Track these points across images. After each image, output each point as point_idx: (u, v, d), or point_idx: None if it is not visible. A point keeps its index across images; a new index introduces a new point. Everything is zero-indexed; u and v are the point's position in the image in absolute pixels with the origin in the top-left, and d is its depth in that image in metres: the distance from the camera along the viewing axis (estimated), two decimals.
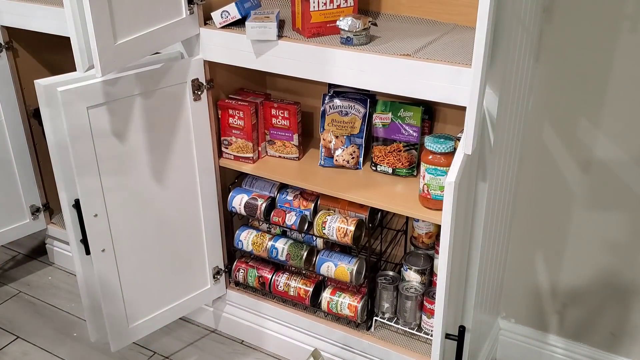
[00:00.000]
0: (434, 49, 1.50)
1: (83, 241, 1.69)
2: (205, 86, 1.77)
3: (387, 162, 1.76)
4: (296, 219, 1.83)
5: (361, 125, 1.79)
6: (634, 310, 1.84)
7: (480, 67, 1.25)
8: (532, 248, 1.92)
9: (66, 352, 2.12)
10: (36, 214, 2.33)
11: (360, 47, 1.52)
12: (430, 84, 1.44)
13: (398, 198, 1.67)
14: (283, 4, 1.82)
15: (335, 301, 1.87)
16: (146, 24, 1.52)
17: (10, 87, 2.12)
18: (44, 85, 1.52)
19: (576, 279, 1.90)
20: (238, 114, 1.81)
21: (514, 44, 1.46)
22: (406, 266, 1.82)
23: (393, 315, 1.87)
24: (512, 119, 1.62)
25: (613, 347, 1.92)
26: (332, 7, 1.59)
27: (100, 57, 1.39)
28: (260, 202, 1.88)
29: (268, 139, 1.90)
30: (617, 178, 1.72)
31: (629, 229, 1.76)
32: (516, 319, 2.05)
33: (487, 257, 1.72)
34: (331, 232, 1.77)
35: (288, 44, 1.59)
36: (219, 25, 1.67)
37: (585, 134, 1.72)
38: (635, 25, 1.55)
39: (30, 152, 2.24)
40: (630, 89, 1.62)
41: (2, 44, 2.06)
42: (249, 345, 2.13)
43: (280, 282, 1.95)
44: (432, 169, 1.53)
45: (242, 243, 1.95)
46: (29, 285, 2.42)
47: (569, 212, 1.82)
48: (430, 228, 1.82)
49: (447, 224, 1.34)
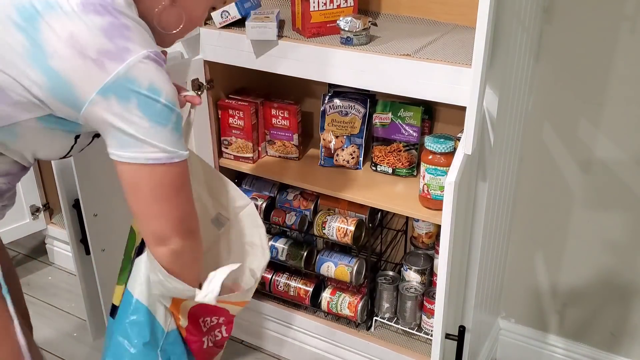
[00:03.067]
0: (434, 49, 1.50)
1: (83, 241, 1.69)
2: (205, 86, 1.77)
3: (387, 162, 1.76)
4: (296, 219, 1.83)
5: (361, 125, 1.79)
6: (634, 310, 1.84)
7: (480, 67, 1.25)
8: (532, 248, 1.92)
9: (66, 352, 2.11)
10: (36, 214, 2.33)
11: (360, 47, 1.52)
12: (430, 84, 1.44)
13: (398, 198, 1.67)
14: (283, 4, 1.82)
15: (335, 301, 1.87)
16: None
17: None
18: None
19: (576, 279, 1.90)
20: (238, 114, 1.81)
21: (514, 44, 1.46)
22: (406, 266, 1.82)
23: (393, 315, 1.87)
24: (512, 119, 1.62)
25: (613, 347, 1.92)
26: (332, 7, 1.59)
27: None
28: (260, 202, 1.88)
29: (268, 139, 1.90)
30: (617, 178, 1.72)
31: (629, 229, 1.76)
32: (516, 319, 2.05)
33: (487, 257, 1.72)
34: (331, 232, 1.77)
35: (288, 44, 1.59)
36: (219, 25, 1.67)
37: (585, 134, 1.72)
38: (635, 26, 1.55)
39: None
40: (630, 89, 1.62)
41: None
42: (249, 345, 2.13)
43: (280, 282, 1.95)
44: (432, 169, 1.53)
45: None
46: (29, 285, 2.42)
47: (569, 212, 1.82)
48: (430, 228, 1.82)
49: (447, 224, 1.34)
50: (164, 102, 1.01)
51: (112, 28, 0.99)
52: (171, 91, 1.03)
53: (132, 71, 0.99)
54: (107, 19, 0.99)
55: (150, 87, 1.00)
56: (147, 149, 1.02)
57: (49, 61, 0.97)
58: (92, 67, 0.97)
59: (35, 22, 0.98)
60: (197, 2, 1.16)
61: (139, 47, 1.00)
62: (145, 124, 1.00)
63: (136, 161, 1.03)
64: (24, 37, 0.98)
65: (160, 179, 1.04)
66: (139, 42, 1.01)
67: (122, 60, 0.98)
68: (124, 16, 1.02)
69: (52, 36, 0.97)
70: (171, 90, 1.04)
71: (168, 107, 1.02)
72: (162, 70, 1.03)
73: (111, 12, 1.00)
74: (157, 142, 1.02)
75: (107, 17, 1.00)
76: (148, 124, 1.00)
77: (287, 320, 2.01)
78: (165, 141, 1.02)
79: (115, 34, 0.99)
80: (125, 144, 1.02)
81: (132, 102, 0.99)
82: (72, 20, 0.98)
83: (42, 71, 0.98)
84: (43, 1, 0.99)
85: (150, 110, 1.00)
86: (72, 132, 1.09)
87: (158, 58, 1.03)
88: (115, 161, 1.05)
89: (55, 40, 0.97)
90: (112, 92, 0.98)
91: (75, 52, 0.97)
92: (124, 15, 1.02)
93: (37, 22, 0.98)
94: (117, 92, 0.98)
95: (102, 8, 1.00)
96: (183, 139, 1.08)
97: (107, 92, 0.98)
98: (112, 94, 0.98)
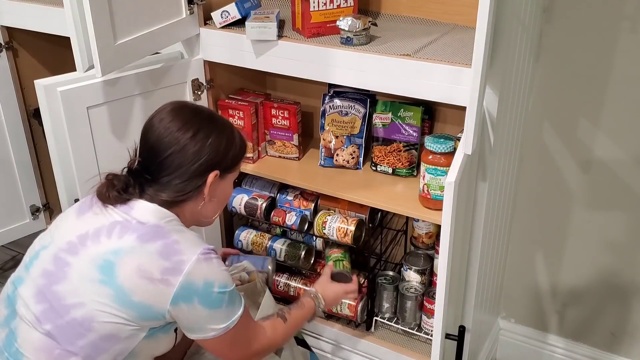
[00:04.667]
0: (434, 49, 1.50)
1: None
2: (205, 86, 1.77)
3: (387, 162, 1.76)
4: (296, 219, 1.83)
5: (361, 125, 1.79)
6: (634, 310, 1.84)
7: (480, 67, 1.25)
8: (532, 248, 1.92)
9: None
10: (36, 214, 2.33)
11: (360, 47, 1.52)
12: (430, 84, 1.44)
13: (398, 198, 1.67)
14: (283, 4, 1.82)
15: None
16: (146, 24, 1.52)
17: (10, 87, 2.12)
18: (44, 85, 1.52)
19: (576, 279, 1.90)
20: (238, 114, 1.81)
21: (514, 44, 1.46)
22: (406, 266, 1.82)
23: (393, 315, 1.87)
24: (512, 119, 1.62)
25: (613, 347, 1.92)
26: (332, 7, 1.59)
27: (100, 57, 1.39)
28: (260, 202, 1.88)
29: (268, 139, 1.90)
30: (617, 178, 1.72)
31: (629, 229, 1.76)
32: (516, 319, 2.05)
33: (487, 257, 1.72)
34: (331, 232, 1.77)
35: (288, 44, 1.59)
36: (219, 25, 1.67)
37: (585, 134, 1.72)
38: (635, 26, 1.55)
39: (30, 152, 2.24)
40: (630, 89, 1.62)
41: (2, 44, 2.06)
42: None
43: (280, 282, 1.94)
44: (432, 169, 1.53)
45: (242, 243, 1.95)
46: None
47: (569, 212, 1.82)
48: (430, 228, 1.82)
49: (447, 224, 1.34)
50: (217, 290, 1.24)
51: (165, 249, 1.22)
52: (222, 277, 1.26)
53: (189, 277, 1.21)
54: (159, 242, 1.22)
55: (205, 283, 1.23)
56: (208, 331, 1.27)
57: (132, 297, 1.20)
58: (160, 286, 1.21)
59: (111, 271, 1.21)
60: (228, 185, 1.38)
61: (191, 254, 1.23)
62: (204, 312, 1.24)
63: (205, 339, 1.29)
64: (108, 287, 1.21)
65: (220, 342, 1.29)
66: (189, 250, 1.23)
67: (180, 272, 1.21)
68: (173, 232, 1.24)
69: (126, 275, 1.20)
70: (222, 277, 1.26)
71: (220, 293, 1.25)
72: (212, 260, 1.26)
73: (162, 236, 1.23)
74: (213, 326, 1.26)
75: (159, 241, 1.22)
76: (206, 312, 1.24)
77: None
78: (220, 320, 1.27)
79: (170, 252, 1.22)
80: (191, 330, 1.28)
81: (194, 301, 1.22)
82: (134, 254, 1.21)
83: (131, 307, 1.21)
84: (111, 251, 1.22)
85: (207, 301, 1.24)
86: (169, 330, 1.31)
87: (207, 253, 1.25)
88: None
89: (129, 277, 1.20)
90: (180, 300, 1.22)
91: (145, 280, 1.20)
92: (173, 231, 1.25)
93: (114, 269, 1.21)
94: (183, 299, 1.22)
95: (154, 234, 1.23)
96: (238, 302, 1.30)
97: (177, 300, 1.22)
98: (180, 301, 1.22)
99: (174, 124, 1.27)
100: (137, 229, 1.23)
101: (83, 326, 1.21)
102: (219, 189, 1.34)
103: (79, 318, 1.21)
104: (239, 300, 1.30)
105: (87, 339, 1.21)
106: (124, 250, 1.22)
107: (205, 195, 1.31)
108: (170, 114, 1.28)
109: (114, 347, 1.23)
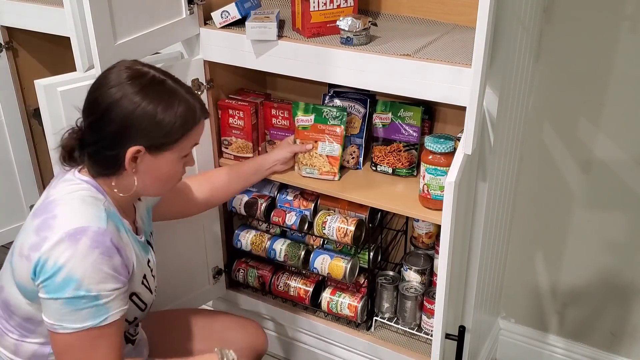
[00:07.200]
0: (434, 49, 1.50)
1: None
2: (205, 86, 1.77)
3: (387, 162, 1.76)
4: (296, 219, 1.83)
5: (361, 125, 1.79)
6: (634, 310, 1.84)
7: (480, 67, 1.25)
8: (532, 248, 1.92)
9: None
10: None
11: (360, 47, 1.52)
12: (430, 84, 1.44)
13: (398, 198, 1.67)
14: (283, 4, 1.82)
15: (335, 301, 1.87)
16: (146, 24, 1.52)
17: (10, 87, 2.12)
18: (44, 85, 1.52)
19: (576, 279, 1.90)
20: (238, 114, 1.81)
21: (514, 44, 1.46)
22: (406, 266, 1.82)
23: (393, 315, 1.87)
24: (512, 119, 1.62)
25: (613, 347, 1.92)
26: (332, 7, 1.59)
27: (100, 57, 1.39)
28: (260, 202, 1.88)
29: (268, 139, 1.89)
30: (617, 178, 1.72)
31: (629, 229, 1.76)
32: (516, 319, 2.05)
33: (487, 257, 1.72)
34: (331, 232, 1.77)
35: (288, 44, 1.59)
36: (219, 25, 1.67)
37: (585, 134, 1.72)
38: (635, 26, 1.55)
39: (30, 152, 2.24)
40: (630, 89, 1.62)
41: (2, 44, 2.06)
42: None
43: (280, 282, 1.94)
44: (432, 169, 1.53)
45: (241, 242, 1.95)
46: None
47: (569, 212, 1.82)
48: (430, 228, 1.82)
49: (447, 224, 1.34)
50: (63, 278, 1.09)
51: (41, 224, 1.14)
52: (79, 268, 1.09)
53: (44, 256, 1.10)
54: (41, 218, 1.15)
55: (55, 265, 1.10)
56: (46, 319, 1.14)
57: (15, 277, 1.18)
58: (25, 262, 1.14)
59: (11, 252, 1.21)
60: (170, 163, 1.21)
61: (58, 231, 1.10)
62: (45, 297, 1.12)
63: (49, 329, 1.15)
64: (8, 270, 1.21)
65: (55, 342, 1.15)
66: (61, 227, 1.11)
67: (39, 248, 1.11)
68: (62, 206, 1.15)
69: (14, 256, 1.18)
70: (80, 267, 1.09)
71: (65, 282, 1.09)
72: (78, 245, 1.10)
73: (47, 211, 1.15)
74: (47, 317, 1.13)
75: (42, 216, 1.15)
76: (46, 297, 1.12)
77: (287, 321, 2.01)
78: (51, 315, 1.12)
79: (42, 227, 1.13)
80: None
81: (40, 281, 1.12)
82: (22, 232, 1.19)
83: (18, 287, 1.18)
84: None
85: (51, 287, 1.10)
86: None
87: (77, 235, 1.10)
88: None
89: (15, 256, 1.18)
90: (36, 278, 1.12)
91: (19, 256, 1.16)
92: (63, 205, 1.15)
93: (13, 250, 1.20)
94: (36, 278, 1.12)
95: (42, 210, 1.16)
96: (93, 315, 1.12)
97: (35, 278, 1.12)
98: (36, 279, 1.12)
99: (109, 80, 1.16)
100: (39, 204, 1.20)
101: (9, 309, 1.23)
102: (153, 167, 1.18)
103: (2, 302, 1.24)
104: (97, 314, 1.11)
105: (14, 320, 1.23)
106: (22, 228, 1.20)
107: (128, 171, 1.17)
108: (125, 71, 1.17)
109: (39, 328, 1.21)
